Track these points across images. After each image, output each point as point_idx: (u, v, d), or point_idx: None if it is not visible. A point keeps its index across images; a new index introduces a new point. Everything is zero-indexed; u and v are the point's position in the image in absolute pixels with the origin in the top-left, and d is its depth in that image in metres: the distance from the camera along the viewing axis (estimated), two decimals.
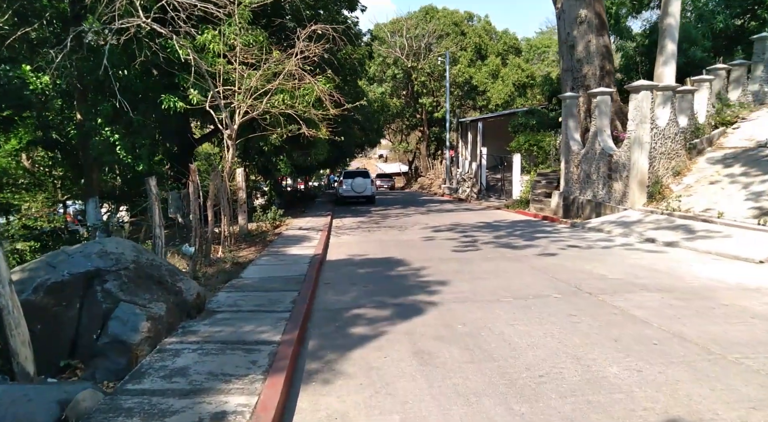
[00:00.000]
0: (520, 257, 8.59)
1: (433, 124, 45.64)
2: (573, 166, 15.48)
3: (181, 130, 16.45)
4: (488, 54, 42.49)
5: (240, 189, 13.29)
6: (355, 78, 19.45)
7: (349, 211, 20.37)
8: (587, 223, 12.69)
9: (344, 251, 10.03)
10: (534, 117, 25.24)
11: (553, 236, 11.21)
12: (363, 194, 24.41)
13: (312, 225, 14.84)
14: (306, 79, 11.92)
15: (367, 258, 9.06)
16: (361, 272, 7.81)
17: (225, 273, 8.04)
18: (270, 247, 10.32)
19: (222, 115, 10.83)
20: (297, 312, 5.10)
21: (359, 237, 12.31)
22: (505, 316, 5.04)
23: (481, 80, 40.72)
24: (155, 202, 6.40)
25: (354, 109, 20.75)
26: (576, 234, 11.44)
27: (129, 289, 4.26)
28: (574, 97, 15.80)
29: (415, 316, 5.21)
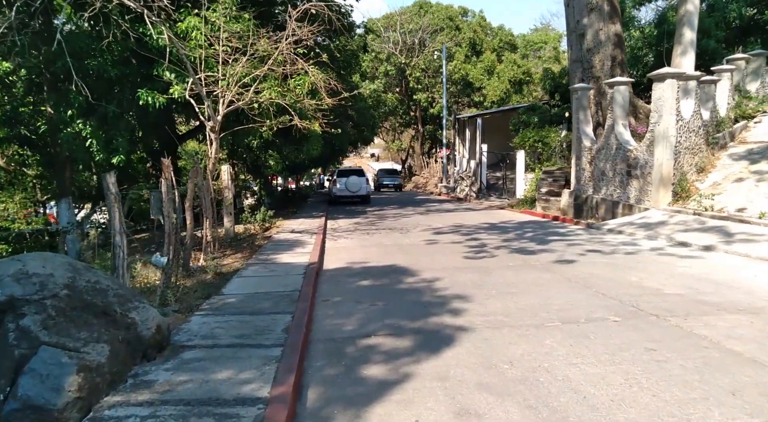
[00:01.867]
0: (545, 265, 7.48)
1: (427, 121, 44.52)
2: (585, 162, 14.43)
3: (164, 125, 15.18)
4: (484, 50, 41.45)
5: (225, 188, 12.07)
6: (349, 71, 18.30)
7: (344, 212, 19.19)
8: (604, 225, 11.62)
9: (342, 258, 8.86)
10: (535, 113, 24.22)
11: (569, 239, 10.13)
12: (358, 194, 23.23)
13: (305, 227, 13.65)
14: (298, 65, 10.73)
15: (370, 267, 7.90)
16: (366, 285, 6.65)
17: (205, 287, 6.84)
18: (259, 254, 9.12)
19: (204, 105, 9.62)
20: (291, 346, 3.94)
21: (357, 240, 11.15)
22: (561, 350, 3.90)
23: (476, 76, 39.67)
24: (114, 202, 5.20)
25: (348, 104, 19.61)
26: (595, 236, 10.36)
27: (57, 326, 3.07)
28: (585, 89, 14.76)
29: (443, 349, 4.07)
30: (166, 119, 15.39)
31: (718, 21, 18.36)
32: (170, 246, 6.59)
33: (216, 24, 10.32)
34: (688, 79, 11.61)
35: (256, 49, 10.26)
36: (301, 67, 10.68)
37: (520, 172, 19.75)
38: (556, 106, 24.01)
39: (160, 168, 12.76)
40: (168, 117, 15.70)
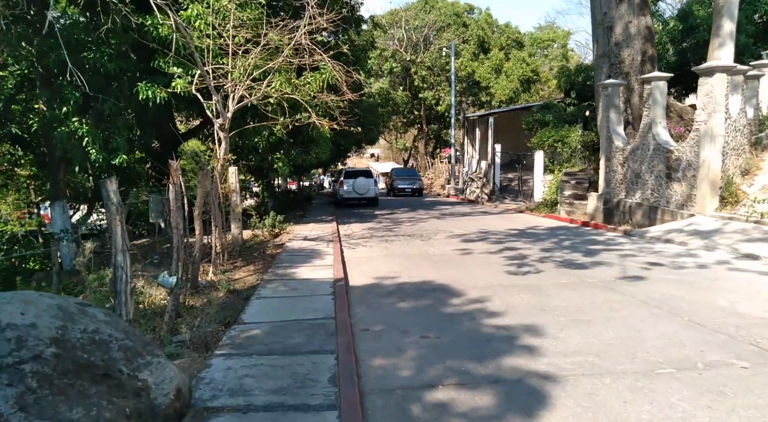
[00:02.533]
0: (607, 283, 6.57)
1: (432, 120, 43.62)
2: (616, 164, 13.53)
3: (164, 122, 14.23)
4: (491, 47, 40.55)
5: (233, 192, 11.14)
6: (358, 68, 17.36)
7: (353, 215, 18.26)
8: (645, 232, 10.73)
9: (367, 271, 7.94)
10: (550, 112, 23.29)
11: (615, 249, 9.23)
12: (365, 196, 22.31)
13: (317, 233, 12.72)
14: (315, 56, 9.80)
15: (403, 284, 6.98)
16: (406, 308, 5.74)
17: (219, 310, 5.92)
18: (275, 267, 8.18)
19: (212, 100, 8.68)
20: (348, 406, 3.02)
21: (378, 249, 10.22)
22: (702, 417, 2.99)
23: (483, 75, 38.78)
24: (116, 214, 4.27)
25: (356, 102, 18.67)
26: (641, 246, 9.46)
27: (40, 403, 2.16)
28: (616, 85, 13.85)
29: (540, 412, 3.15)
30: (167, 117, 14.44)
31: (749, 15, 17.48)
32: (179, 263, 5.66)
33: (222, 12, 9.39)
34: (737, 73, 10.74)
35: (270, 38, 9.32)
36: (318, 59, 9.75)
37: (538, 173, 18.86)
38: (572, 104, 23.10)
39: (162, 169, 11.82)
40: (168, 114, 14.76)
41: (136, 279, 6.75)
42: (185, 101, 12.46)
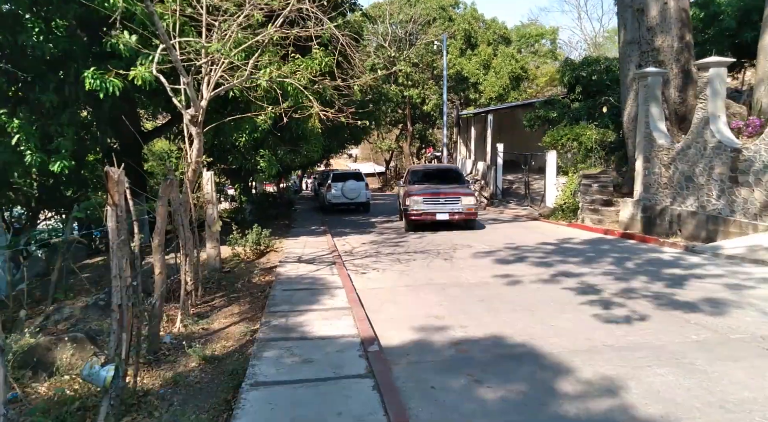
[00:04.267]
0: None
1: (417, 119, 41.63)
2: (658, 165, 11.65)
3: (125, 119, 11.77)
4: (478, 43, 38.74)
5: (210, 203, 8.84)
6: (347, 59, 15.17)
7: (347, 224, 16.05)
8: (718, 249, 8.84)
9: (398, 316, 5.77)
10: (554, 108, 21.52)
11: (704, 275, 7.28)
12: (356, 201, 20.12)
13: (312, 250, 10.48)
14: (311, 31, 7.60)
15: (460, 342, 4.84)
16: (494, 403, 3.59)
17: (192, 405, 3.68)
18: (269, 312, 5.91)
19: (182, 83, 6.37)
20: None
21: (394, 274, 8.06)
22: None
23: (472, 71, 36.94)
24: None
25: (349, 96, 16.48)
26: (732, 269, 7.53)
27: None
28: (657, 74, 11.97)
29: None
30: (128, 112, 11.99)
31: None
32: (120, 337, 3.39)
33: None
34: None
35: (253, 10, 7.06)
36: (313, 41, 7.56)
37: (551, 176, 16.96)
38: (577, 100, 21.37)
39: None
40: (131, 109, 12.31)
41: (62, 343, 4.45)
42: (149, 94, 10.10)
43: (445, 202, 12.75)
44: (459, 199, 12.77)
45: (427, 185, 13.71)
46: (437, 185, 13.65)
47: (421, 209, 12.74)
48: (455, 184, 13.93)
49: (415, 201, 12.75)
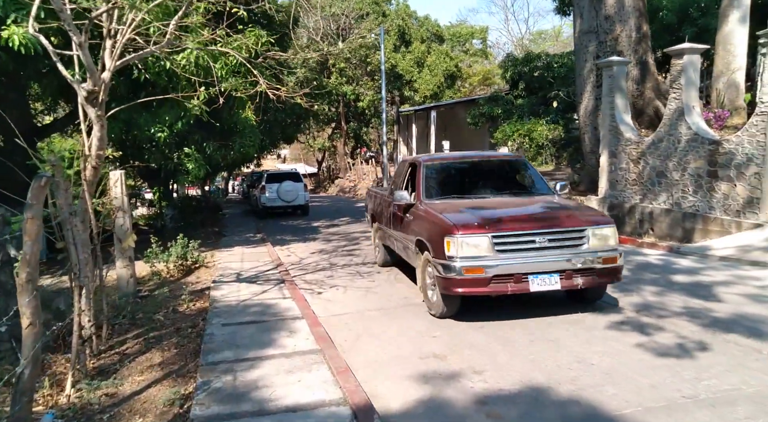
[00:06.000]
0: None
1: (351, 117, 40.18)
2: (626, 160, 10.99)
3: (10, 109, 9.45)
4: (412, 40, 37.98)
5: (120, 210, 6.93)
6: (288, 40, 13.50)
7: (286, 230, 14.33)
8: (706, 250, 8.13)
9: (383, 357, 4.34)
10: (498, 105, 20.98)
11: (718, 282, 6.42)
12: (294, 203, 18.34)
13: (253, 264, 8.76)
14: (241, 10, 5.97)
15: (484, 398, 3.50)
16: None
17: None
18: (207, 362, 4.25)
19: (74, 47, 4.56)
20: None
21: (361, 294, 6.60)
22: None
23: (406, 68, 36.11)
24: None
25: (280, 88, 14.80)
26: (737, 272, 6.75)
27: None
28: (623, 64, 11.32)
29: None
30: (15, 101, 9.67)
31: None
32: None
33: None
34: None
35: None
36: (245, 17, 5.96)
37: None
38: (520, 96, 20.92)
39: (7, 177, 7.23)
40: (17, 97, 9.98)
41: None
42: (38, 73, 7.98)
43: (550, 243, 5.12)
44: (583, 236, 5.18)
45: (472, 200, 6.10)
46: (494, 198, 6.23)
47: (488, 264, 4.95)
48: (533, 195, 6.37)
49: (470, 243, 4.98)
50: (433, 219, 5.54)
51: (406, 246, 6.38)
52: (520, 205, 5.95)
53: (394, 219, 6.93)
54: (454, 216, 5.34)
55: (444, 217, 5.33)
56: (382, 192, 8.33)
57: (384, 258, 8.13)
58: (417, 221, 5.94)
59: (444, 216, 5.37)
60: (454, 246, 4.92)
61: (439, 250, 5.08)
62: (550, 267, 4.94)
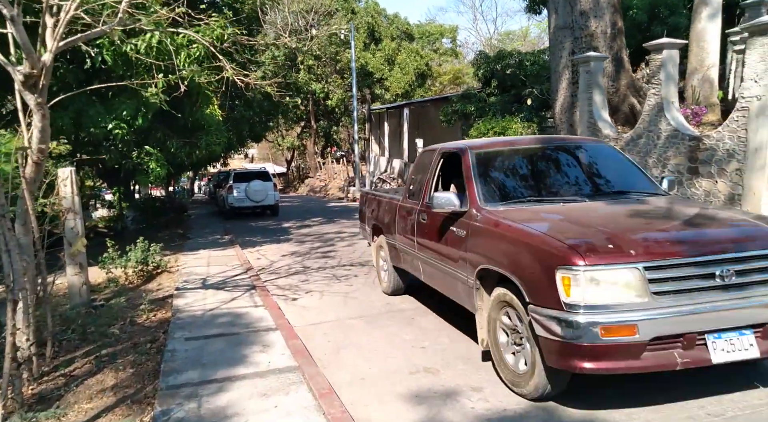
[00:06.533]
0: None
1: (320, 116, 39.53)
2: None
3: None
4: (382, 38, 37.60)
5: (70, 211, 6.25)
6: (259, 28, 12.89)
7: (256, 231, 13.69)
8: None
9: (369, 372, 3.90)
10: (471, 102, 20.75)
11: None
12: (263, 203, 17.67)
13: (220, 268, 8.16)
14: None
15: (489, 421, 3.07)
16: None
17: None
18: (167, 385, 3.70)
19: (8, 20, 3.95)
20: None
21: (339, 300, 6.13)
22: None
23: (377, 66, 35.65)
24: None
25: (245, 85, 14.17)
26: None
27: None
28: (599, 59, 11.16)
29: None
30: None
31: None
32: None
33: None
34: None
35: None
36: None
37: None
38: (493, 94, 20.75)
39: None
40: None
41: None
42: None
43: (738, 276, 3.01)
44: None
45: (558, 205, 3.99)
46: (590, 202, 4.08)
47: (642, 318, 2.85)
48: (641, 195, 4.27)
49: (608, 279, 2.91)
50: (519, 235, 3.36)
51: (453, 277, 4.17)
52: (645, 212, 3.84)
53: (423, 233, 4.80)
54: (563, 230, 3.30)
55: (546, 233, 3.24)
56: (391, 196, 6.17)
57: (395, 283, 5.98)
58: (480, 239, 3.74)
59: (543, 230, 3.30)
60: (578, 285, 2.84)
61: (544, 292, 3.01)
62: (739, 318, 2.98)
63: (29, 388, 3.79)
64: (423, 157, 5.53)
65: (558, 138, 6.76)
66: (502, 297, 3.50)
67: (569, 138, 6.65)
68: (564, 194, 4.20)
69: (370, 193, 7.34)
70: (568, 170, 4.68)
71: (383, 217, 6.13)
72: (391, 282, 6.03)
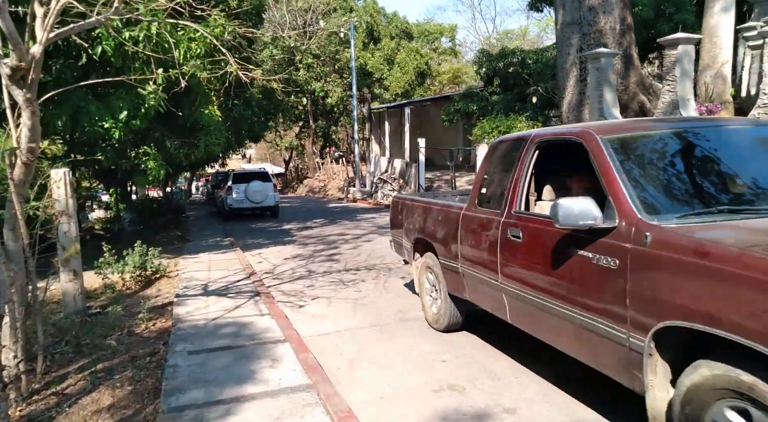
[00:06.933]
0: None
1: (319, 116, 39.19)
2: None
3: None
4: (381, 37, 37.30)
5: (64, 214, 5.92)
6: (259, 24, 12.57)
7: (256, 233, 13.36)
8: None
9: (388, 391, 3.59)
10: (474, 101, 20.48)
11: None
12: (263, 205, 17.35)
13: (222, 273, 7.83)
14: None
15: None
16: None
17: None
18: (169, 407, 3.37)
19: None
20: None
21: (348, 307, 5.82)
22: None
23: (376, 66, 35.35)
24: None
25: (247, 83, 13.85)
26: None
27: None
28: (611, 55, 10.85)
29: None
30: None
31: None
32: None
33: None
34: None
35: None
36: None
37: None
38: (495, 93, 20.48)
39: None
40: None
41: None
42: None
43: None
44: None
45: None
46: None
47: None
48: None
49: None
50: None
51: (585, 329, 2.80)
52: None
53: (514, 256, 3.49)
54: None
55: None
56: (446, 202, 4.90)
57: (451, 316, 4.63)
58: (658, 274, 2.37)
59: None
60: None
61: None
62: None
63: (17, 410, 3.47)
64: (502, 149, 4.10)
65: (723, 118, 5.53)
66: (730, 381, 2.04)
67: (737, 118, 5.39)
68: (755, 202, 2.84)
69: (409, 197, 5.90)
70: (743, 163, 3.10)
71: (434, 230, 4.74)
72: (445, 315, 4.65)
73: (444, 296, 4.64)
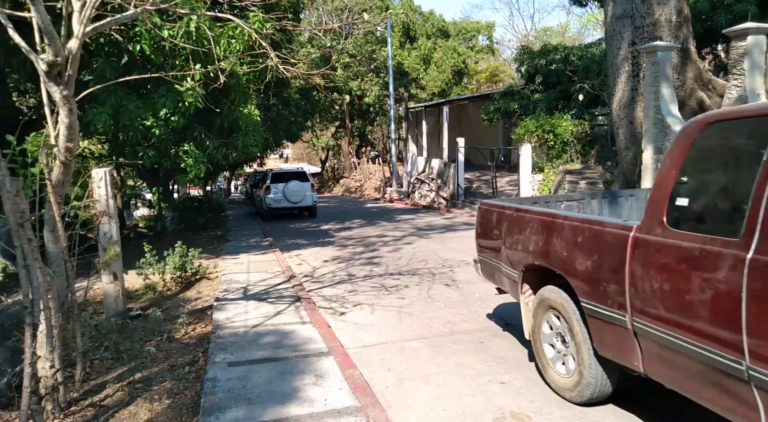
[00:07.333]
0: None
1: (355, 116, 39.06)
2: None
3: None
4: (418, 36, 36.89)
5: (103, 214, 5.81)
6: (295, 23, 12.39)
7: (294, 233, 13.20)
8: None
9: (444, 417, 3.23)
10: (515, 100, 19.86)
11: None
12: (300, 204, 17.22)
13: (261, 275, 7.63)
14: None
15: None
16: None
17: None
18: None
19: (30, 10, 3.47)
20: None
21: (393, 316, 5.49)
22: None
23: (412, 65, 34.96)
24: None
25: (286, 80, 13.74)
26: None
27: None
28: (669, 49, 10.16)
29: None
30: None
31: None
32: None
33: None
34: None
35: None
36: None
37: (525, 172, 15.01)
38: (537, 91, 19.79)
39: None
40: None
41: None
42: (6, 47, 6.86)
43: None
44: None
45: None
46: None
47: None
48: None
49: None
50: None
51: None
52: None
53: None
54: None
55: None
56: (581, 216, 3.43)
57: (597, 384, 3.16)
58: None
59: None
60: None
61: None
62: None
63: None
64: (723, 135, 2.55)
65: None
66: None
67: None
68: None
69: (512, 206, 4.14)
70: None
71: (571, 259, 3.23)
72: (588, 385, 3.18)
73: (587, 356, 3.17)
